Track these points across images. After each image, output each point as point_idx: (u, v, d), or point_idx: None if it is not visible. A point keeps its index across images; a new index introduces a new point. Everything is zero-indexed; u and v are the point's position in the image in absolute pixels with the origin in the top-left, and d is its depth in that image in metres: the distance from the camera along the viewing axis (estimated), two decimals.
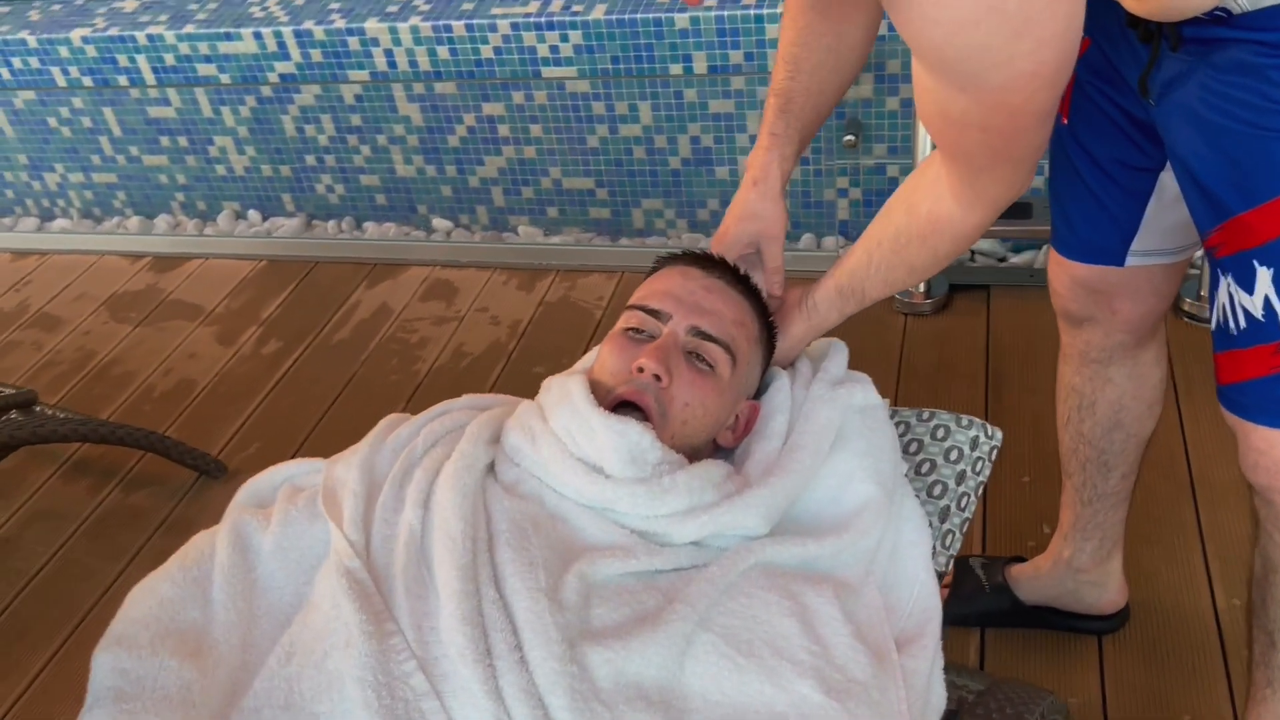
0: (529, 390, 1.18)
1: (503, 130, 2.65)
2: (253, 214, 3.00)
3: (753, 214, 1.16)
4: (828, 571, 1.02)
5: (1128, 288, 1.23)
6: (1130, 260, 1.21)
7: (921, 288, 2.26)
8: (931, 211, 0.99)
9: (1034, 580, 1.52)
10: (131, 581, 1.00)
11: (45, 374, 2.43)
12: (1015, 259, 2.38)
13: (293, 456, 2.06)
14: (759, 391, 1.16)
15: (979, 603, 1.55)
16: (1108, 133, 1.14)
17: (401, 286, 2.58)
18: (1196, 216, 1.02)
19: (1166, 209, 1.16)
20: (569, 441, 1.03)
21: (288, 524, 1.06)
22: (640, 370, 1.03)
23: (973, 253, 2.40)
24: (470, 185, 2.77)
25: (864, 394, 1.13)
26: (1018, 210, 2.11)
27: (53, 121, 3.00)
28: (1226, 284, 1.00)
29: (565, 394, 1.05)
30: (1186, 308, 2.11)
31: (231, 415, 2.22)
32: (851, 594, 1.00)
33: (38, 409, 2.06)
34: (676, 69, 2.42)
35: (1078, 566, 1.47)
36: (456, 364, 2.29)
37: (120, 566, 1.89)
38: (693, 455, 1.08)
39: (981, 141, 0.86)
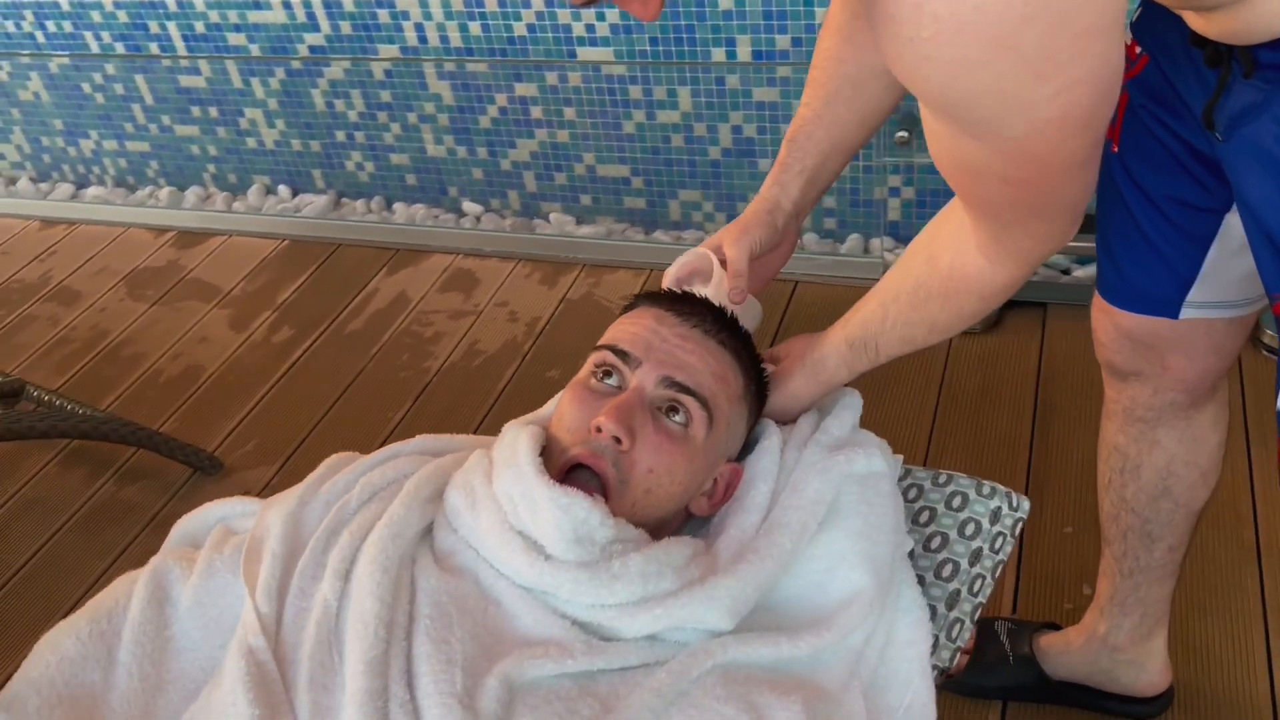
0: (539, 397, 1.07)
1: (535, 112, 2.51)
2: (283, 189, 2.91)
3: (736, 221, 1.03)
4: (803, 675, 0.88)
5: (1182, 343, 1.06)
6: (1186, 312, 1.03)
7: None
8: (954, 266, 0.84)
9: (1064, 655, 1.36)
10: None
11: (57, 351, 2.37)
12: (1079, 272, 2.18)
13: (289, 457, 1.99)
14: (748, 448, 1.02)
15: (1000, 674, 1.39)
16: (1164, 165, 0.96)
17: (422, 274, 2.47)
18: (1265, 275, 0.85)
19: (1232, 257, 0.99)
20: (510, 510, 0.90)
21: (210, 576, 0.95)
22: (599, 430, 0.90)
23: None
24: (502, 168, 2.65)
25: (866, 460, 0.98)
26: (1084, 222, 1.91)
27: (86, 87, 2.94)
28: None
29: (512, 452, 0.93)
30: (1266, 339, 1.90)
31: (234, 408, 2.13)
32: (829, 703, 0.86)
33: (35, 392, 2.00)
34: (719, 54, 2.26)
35: (1114, 644, 1.31)
36: (469, 363, 2.17)
37: (106, 564, 1.82)
38: (658, 526, 0.94)
39: (1006, 195, 0.71)
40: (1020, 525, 1.06)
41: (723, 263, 1.02)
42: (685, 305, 0.98)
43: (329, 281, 2.49)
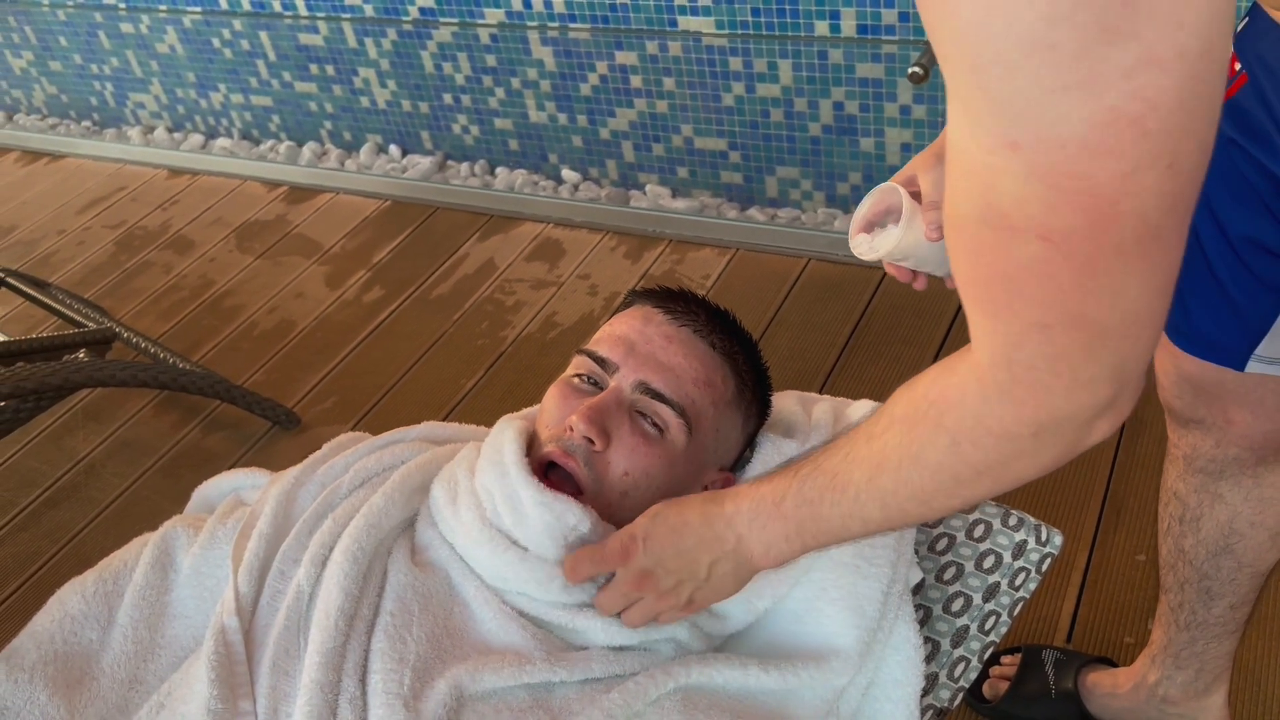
0: None
1: (635, 81, 2.47)
2: (393, 149, 2.97)
3: (930, 147, 0.87)
4: (773, 707, 0.84)
5: (1248, 397, 0.96)
6: (1253, 366, 0.92)
7: None
8: (931, 387, 0.63)
9: (1110, 697, 1.27)
10: None
11: (166, 299, 2.48)
12: None
13: (362, 417, 2.03)
14: None
15: (1040, 707, 1.31)
16: (1246, 203, 0.86)
17: (511, 242, 2.48)
18: None
19: None
20: (489, 506, 0.89)
21: (211, 545, 0.98)
22: (571, 429, 0.88)
23: None
24: (601, 137, 2.62)
25: None
26: None
27: (216, 42, 3.05)
28: None
29: (496, 447, 0.91)
30: None
31: (319, 364, 2.19)
32: None
33: (135, 339, 2.10)
34: (822, 26, 2.17)
35: (1165, 696, 1.21)
36: (544, 334, 2.17)
37: (178, 510, 1.90)
38: None
39: (1040, 265, 0.48)
40: (1049, 561, 0.99)
41: (916, 195, 0.85)
42: (677, 304, 0.94)
43: (423, 244, 2.53)
